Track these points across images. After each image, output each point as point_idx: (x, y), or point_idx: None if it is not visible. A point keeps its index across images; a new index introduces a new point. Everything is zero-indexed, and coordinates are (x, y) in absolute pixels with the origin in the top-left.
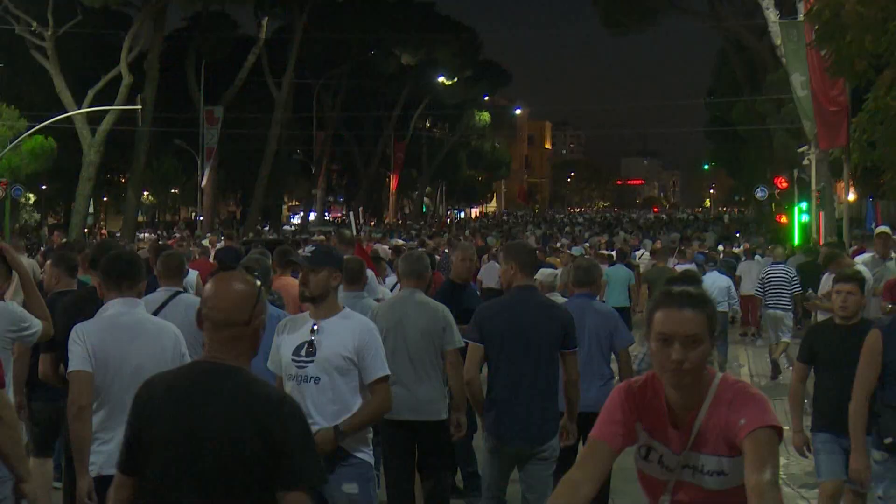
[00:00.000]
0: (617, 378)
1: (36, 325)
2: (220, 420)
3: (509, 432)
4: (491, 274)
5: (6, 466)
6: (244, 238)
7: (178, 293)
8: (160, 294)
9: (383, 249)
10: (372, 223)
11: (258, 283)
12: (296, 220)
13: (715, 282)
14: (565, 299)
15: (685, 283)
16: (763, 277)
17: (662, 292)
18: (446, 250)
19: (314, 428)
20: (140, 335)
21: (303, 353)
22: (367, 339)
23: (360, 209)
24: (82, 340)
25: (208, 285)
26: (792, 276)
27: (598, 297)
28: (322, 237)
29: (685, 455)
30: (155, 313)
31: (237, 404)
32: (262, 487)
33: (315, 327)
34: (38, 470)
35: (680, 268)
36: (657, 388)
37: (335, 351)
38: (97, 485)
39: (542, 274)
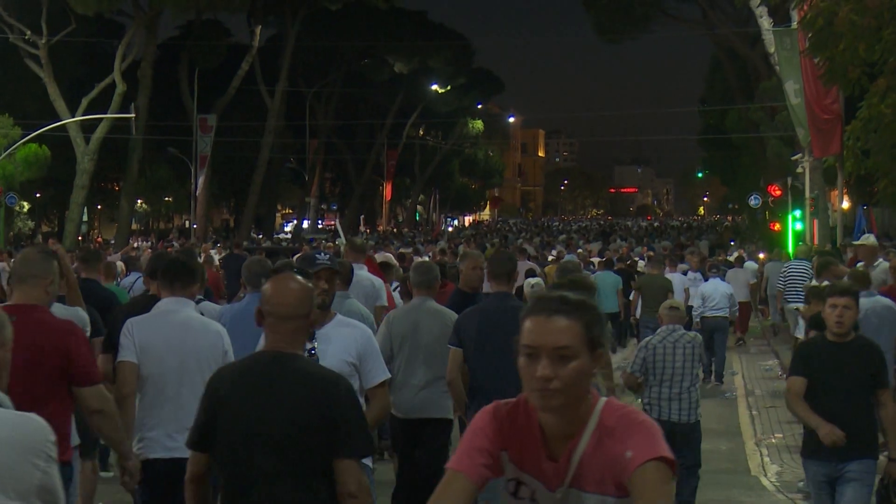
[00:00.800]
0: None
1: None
2: (286, 400)
3: None
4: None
5: (113, 449)
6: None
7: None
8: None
9: (388, 257)
10: (368, 230)
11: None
12: (289, 227)
13: (717, 288)
14: None
15: (572, 287)
16: (785, 271)
17: (534, 297)
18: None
19: None
20: (186, 332)
21: None
22: (367, 345)
23: (362, 217)
24: (131, 334)
25: (269, 285)
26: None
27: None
28: (329, 244)
29: (562, 492)
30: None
31: (299, 386)
32: (322, 457)
33: (313, 334)
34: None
35: (671, 276)
36: (531, 411)
37: (340, 357)
38: (143, 469)
39: (528, 285)
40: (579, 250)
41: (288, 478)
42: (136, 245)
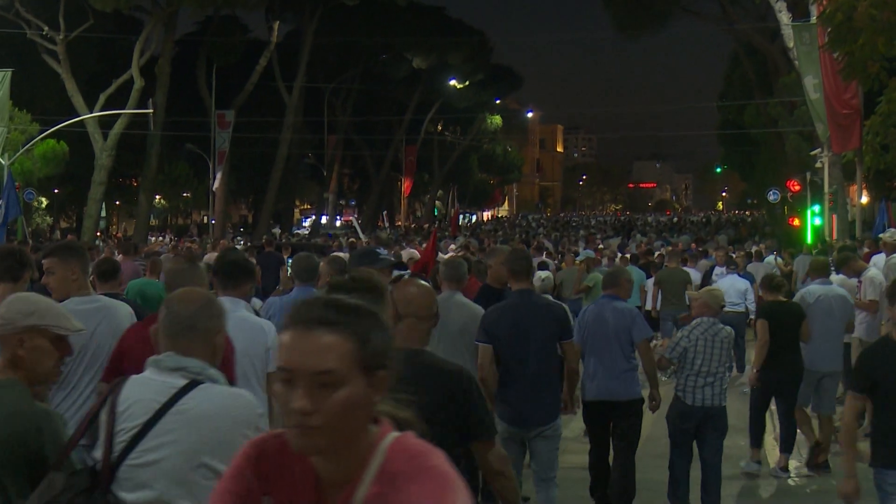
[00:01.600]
0: (640, 369)
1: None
2: (423, 393)
3: (518, 417)
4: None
5: None
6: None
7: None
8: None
9: (413, 253)
10: (388, 226)
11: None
12: (307, 223)
13: (733, 284)
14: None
15: (353, 289)
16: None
17: (294, 305)
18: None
19: None
20: (236, 331)
21: None
22: None
23: (385, 213)
24: None
25: (400, 290)
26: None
27: (624, 299)
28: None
29: None
30: None
31: (434, 380)
32: (455, 442)
33: None
34: None
35: (689, 270)
36: None
37: None
38: None
39: (538, 279)
40: (599, 246)
41: None
42: (159, 241)
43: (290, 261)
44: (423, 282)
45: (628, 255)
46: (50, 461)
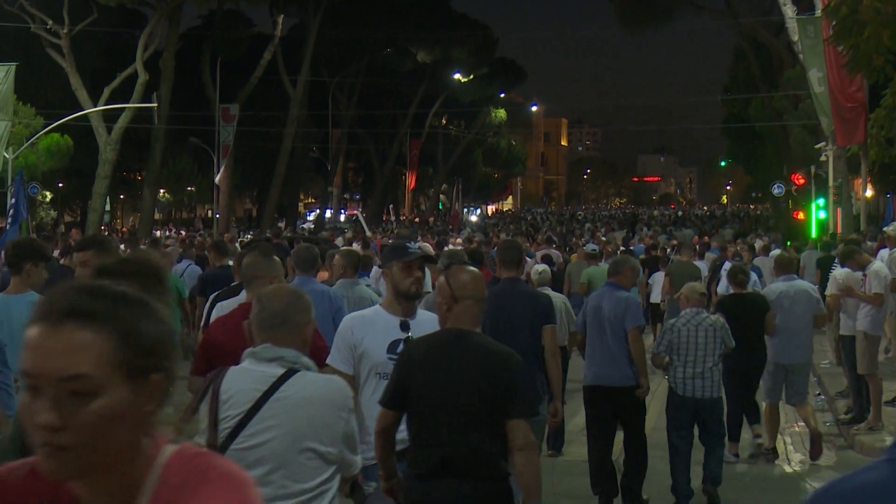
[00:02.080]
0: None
1: None
2: (472, 371)
3: None
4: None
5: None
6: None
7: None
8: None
9: (427, 247)
10: (394, 219)
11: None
12: (311, 217)
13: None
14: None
15: (122, 273)
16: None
17: (44, 294)
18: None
19: None
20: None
21: (399, 350)
22: None
23: (391, 206)
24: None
25: (454, 276)
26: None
27: (626, 287)
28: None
29: None
30: None
31: (481, 359)
32: (497, 417)
33: (407, 323)
34: None
35: (698, 264)
36: None
37: None
38: None
39: (535, 272)
40: (603, 238)
41: (469, 433)
42: (167, 238)
43: None
44: (472, 268)
45: (632, 248)
46: None
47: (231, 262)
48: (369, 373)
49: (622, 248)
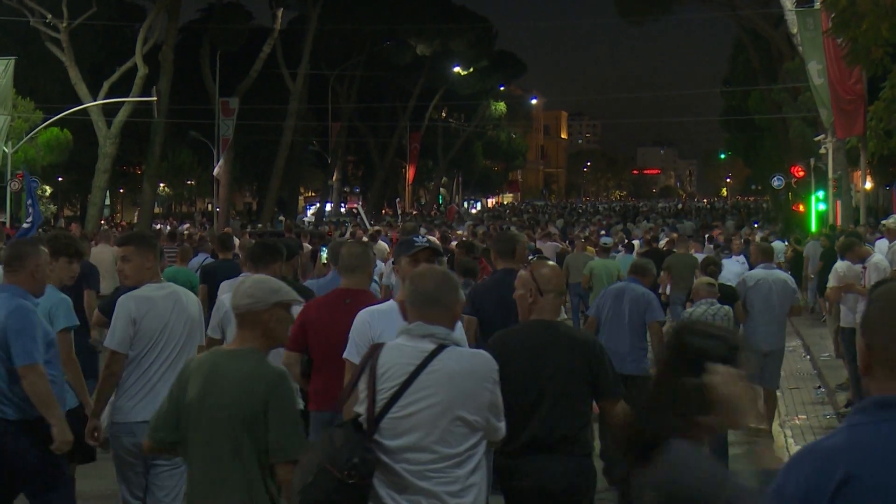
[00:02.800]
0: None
1: None
2: (559, 356)
3: None
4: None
5: None
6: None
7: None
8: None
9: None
10: (391, 212)
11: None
12: (311, 210)
13: (729, 268)
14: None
15: None
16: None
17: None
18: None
19: None
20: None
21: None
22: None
23: (398, 200)
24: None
25: (537, 270)
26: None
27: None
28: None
29: None
30: None
31: (570, 347)
32: (585, 399)
33: None
34: None
35: (697, 256)
36: None
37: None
38: None
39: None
40: (601, 232)
41: (560, 413)
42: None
43: (324, 248)
44: (551, 262)
45: (636, 242)
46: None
47: (239, 254)
48: None
49: (625, 240)
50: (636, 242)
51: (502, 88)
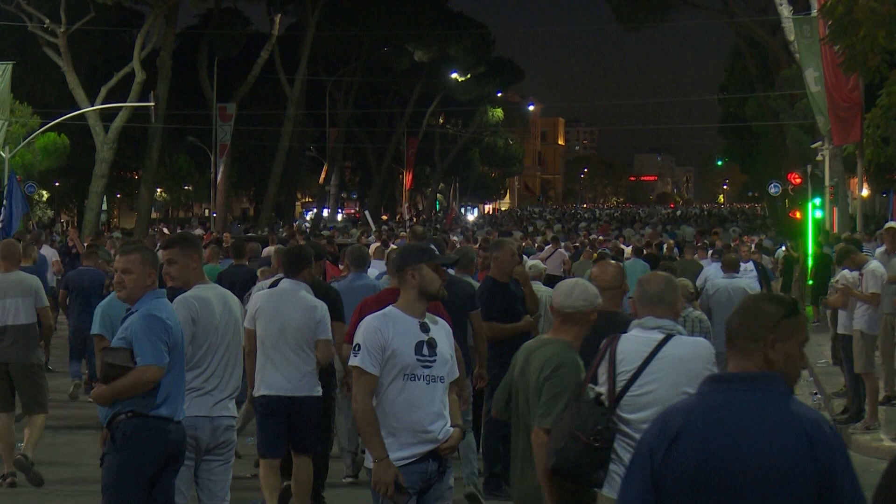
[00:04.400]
0: None
1: None
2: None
3: None
4: (556, 261)
5: None
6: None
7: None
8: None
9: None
10: (386, 217)
11: None
12: (309, 216)
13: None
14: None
15: None
16: None
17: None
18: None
19: (448, 429)
20: (296, 308)
21: (425, 351)
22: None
23: (406, 206)
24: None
25: (602, 269)
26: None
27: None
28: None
29: None
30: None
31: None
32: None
33: (427, 325)
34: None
35: (705, 263)
36: None
37: (448, 350)
38: None
39: (525, 266)
40: (601, 238)
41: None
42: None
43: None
44: (614, 261)
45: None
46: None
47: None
48: (398, 374)
49: (625, 247)
50: (627, 248)
51: (500, 94)
